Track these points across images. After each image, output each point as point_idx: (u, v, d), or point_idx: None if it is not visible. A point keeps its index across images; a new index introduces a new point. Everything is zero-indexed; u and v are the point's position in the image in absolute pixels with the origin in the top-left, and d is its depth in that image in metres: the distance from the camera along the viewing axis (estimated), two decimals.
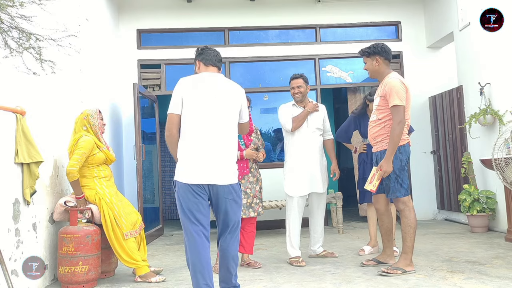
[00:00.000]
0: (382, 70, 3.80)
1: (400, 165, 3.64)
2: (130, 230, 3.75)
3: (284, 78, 7.00)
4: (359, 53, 3.93)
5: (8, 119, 3.21)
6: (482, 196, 5.42)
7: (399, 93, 3.57)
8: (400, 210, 3.69)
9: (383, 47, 3.79)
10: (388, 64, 3.83)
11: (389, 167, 3.58)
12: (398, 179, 3.64)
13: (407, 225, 3.64)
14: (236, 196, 2.77)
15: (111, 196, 3.80)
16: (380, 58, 3.78)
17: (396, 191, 3.64)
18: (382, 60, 3.79)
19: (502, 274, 3.44)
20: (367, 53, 3.83)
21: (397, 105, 3.55)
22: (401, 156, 3.64)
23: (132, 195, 5.97)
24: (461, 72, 6.20)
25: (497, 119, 5.25)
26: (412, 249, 3.64)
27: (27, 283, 3.28)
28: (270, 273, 3.86)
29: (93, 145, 3.80)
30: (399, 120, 3.54)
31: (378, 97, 3.76)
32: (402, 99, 3.56)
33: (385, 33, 7.18)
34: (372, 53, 3.80)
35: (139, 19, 6.84)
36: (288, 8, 7.00)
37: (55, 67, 3.03)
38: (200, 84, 2.79)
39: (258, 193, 4.18)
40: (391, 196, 3.68)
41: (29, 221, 3.43)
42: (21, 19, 2.80)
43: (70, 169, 3.65)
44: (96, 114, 3.94)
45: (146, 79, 6.80)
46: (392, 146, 3.56)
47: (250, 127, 4.12)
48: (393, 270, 3.55)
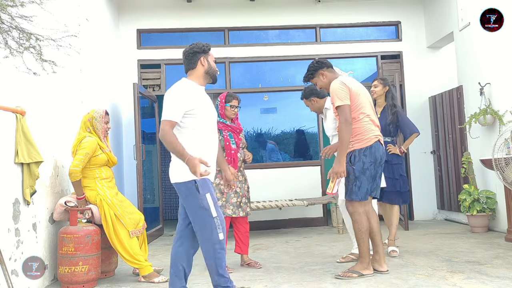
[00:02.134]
0: (331, 80, 3.71)
1: (362, 167, 3.51)
2: (133, 229, 3.76)
3: (284, 78, 7.00)
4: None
5: (8, 119, 3.21)
6: (482, 196, 5.42)
7: (338, 94, 3.52)
8: (349, 212, 3.62)
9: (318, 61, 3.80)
10: (332, 71, 3.80)
11: (339, 167, 3.48)
12: (356, 181, 3.53)
13: (358, 230, 3.56)
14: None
15: (112, 197, 3.80)
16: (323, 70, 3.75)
17: (352, 194, 3.54)
18: (326, 71, 3.76)
19: (502, 274, 3.44)
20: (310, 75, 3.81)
21: (339, 106, 3.50)
22: (364, 158, 3.52)
23: (132, 195, 5.97)
24: (461, 72, 6.20)
25: (497, 119, 5.25)
26: (368, 252, 3.55)
27: (27, 283, 3.28)
28: (270, 273, 3.86)
29: (96, 146, 3.81)
30: (344, 120, 3.47)
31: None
32: (343, 98, 3.50)
33: (385, 33, 7.18)
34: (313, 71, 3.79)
35: (139, 19, 6.84)
36: (288, 8, 7.00)
37: (55, 67, 3.03)
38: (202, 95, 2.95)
39: (247, 192, 4.16)
40: (347, 198, 3.60)
41: (29, 221, 3.43)
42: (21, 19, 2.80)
43: (73, 169, 3.66)
44: (101, 118, 3.92)
45: (146, 79, 6.80)
46: (341, 145, 3.48)
47: (239, 126, 4.14)
48: (349, 273, 3.52)
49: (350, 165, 3.54)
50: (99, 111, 3.96)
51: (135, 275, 3.93)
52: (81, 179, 3.73)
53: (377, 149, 3.56)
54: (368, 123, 3.59)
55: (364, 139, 3.55)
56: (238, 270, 3.99)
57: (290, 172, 6.68)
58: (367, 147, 3.53)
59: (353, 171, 3.53)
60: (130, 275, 4.00)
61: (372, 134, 3.57)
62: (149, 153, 6.42)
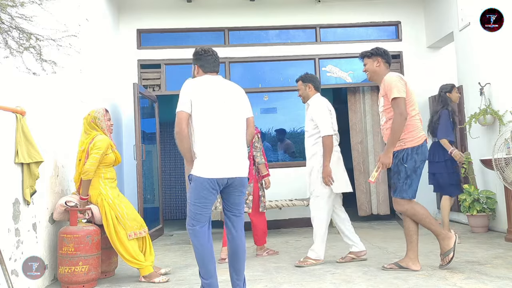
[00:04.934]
0: (382, 72, 3.78)
1: (414, 166, 3.56)
2: (133, 231, 3.75)
3: (284, 78, 7.00)
4: (360, 55, 3.92)
5: (8, 119, 3.21)
6: (482, 196, 5.42)
7: (397, 86, 3.54)
8: (401, 212, 3.65)
9: (385, 51, 3.82)
10: (388, 68, 3.83)
11: (386, 159, 3.52)
12: (407, 179, 3.57)
13: (421, 220, 3.60)
14: (244, 189, 3.02)
15: (113, 198, 3.79)
16: (382, 60, 3.78)
17: (403, 192, 3.59)
18: (382, 62, 3.79)
19: (502, 274, 3.44)
20: (369, 54, 3.83)
21: (396, 98, 3.51)
22: (416, 157, 3.57)
23: (132, 195, 5.97)
24: (461, 72, 6.20)
25: (497, 119, 5.25)
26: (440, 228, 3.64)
27: (27, 283, 3.28)
28: (270, 273, 3.86)
29: (108, 144, 3.82)
30: (399, 112, 3.49)
31: (381, 97, 3.74)
32: (400, 91, 3.52)
33: (385, 33, 7.18)
34: (374, 54, 3.80)
35: (139, 19, 6.84)
36: (288, 8, 7.00)
37: (55, 67, 3.03)
38: (207, 85, 2.96)
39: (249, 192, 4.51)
40: (397, 196, 3.63)
41: (29, 221, 3.43)
42: (21, 19, 2.80)
43: (89, 168, 3.66)
44: (102, 116, 3.91)
45: (146, 79, 6.80)
46: (392, 138, 3.51)
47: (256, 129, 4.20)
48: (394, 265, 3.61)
49: (402, 163, 3.56)
50: (99, 110, 3.95)
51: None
52: (91, 180, 3.73)
53: (426, 148, 3.66)
54: (418, 121, 3.65)
55: (416, 138, 3.59)
56: None
57: (290, 172, 6.68)
58: (419, 145, 3.58)
59: (405, 169, 3.55)
60: (130, 275, 3.99)
61: (422, 133, 3.63)
62: (149, 153, 6.41)
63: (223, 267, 4.15)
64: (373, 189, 7.04)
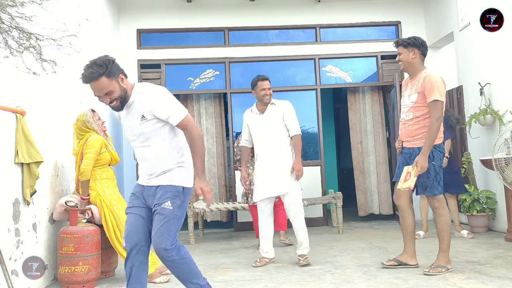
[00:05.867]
0: (417, 64, 3.69)
1: (440, 163, 3.61)
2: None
3: (284, 78, 7.00)
4: (395, 43, 3.78)
5: (8, 119, 3.21)
6: (482, 196, 5.42)
7: (440, 88, 3.48)
8: (435, 208, 3.65)
9: (422, 42, 3.71)
10: (423, 60, 3.74)
11: (425, 163, 3.48)
12: (437, 176, 3.58)
13: (444, 223, 3.61)
14: None
15: (111, 198, 3.79)
16: (418, 51, 3.69)
17: (434, 189, 3.59)
18: (419, 54, 3.69)
19: (502, 274, 3.44)
20: (405, 43, 3.70)
21: (437, 100, 3.45)
22: (440, 154, 3.60)
23: None
24: (461, 72, 6.20)
25: (497, 119, 5.25)
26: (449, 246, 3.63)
27: (27, 283, 3.28)
28: (270, 273, 3.86)
29: (101, 143, 3.81)
30: (437, 116, 3.45)
31: (415, 93, 3.61)
32: (443, 95, 3.49)
33: (385, 33, 7.17)
34: (411, 44, 3.68)
35: (139, 19, 6.84)
36: (288, 8, 7.00)
37: (55, 67, 3.03)
38: None
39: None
40: (429, 194, 3.62)
41: (29, 221, 3.43)
42: (21, 19, 2.81)
43: (85, 168, 3.66)
44: (91, 118, 3.87)
45: (146, 79, 6.79)
46: (429, 142, 3.48)
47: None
48: (437, 269, 3.52)
49: (430, 161, 3.56)
50: (86, 113, 3.89)
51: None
52: (89, 179, 3.73)
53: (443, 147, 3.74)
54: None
55: (440, 136, 3.61)
56: (237, 270, 3.99)
57: None
58: (440, 143, 3.62)
59: (433, 167, 3.57)
60: None
61: (441, 134, 3.64)
62: None
63: (224, 267, 4.15)
64: (374, 189, 7.04)
